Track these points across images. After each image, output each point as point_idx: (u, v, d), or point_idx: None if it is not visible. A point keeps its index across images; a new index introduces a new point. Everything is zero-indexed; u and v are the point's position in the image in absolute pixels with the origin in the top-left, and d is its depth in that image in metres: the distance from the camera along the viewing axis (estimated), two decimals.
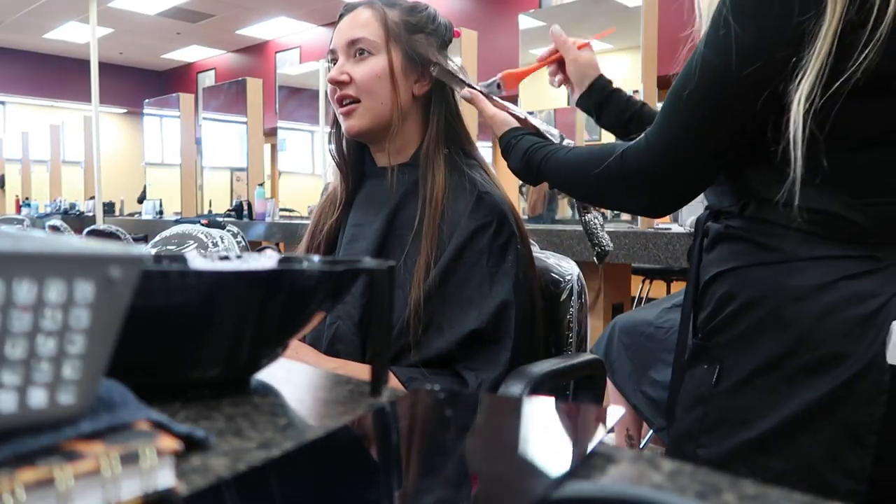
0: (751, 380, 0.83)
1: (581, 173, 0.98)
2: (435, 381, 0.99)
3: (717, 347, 0.87)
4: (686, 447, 0.89)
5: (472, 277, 1.01)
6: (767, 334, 0.82)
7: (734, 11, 0.79)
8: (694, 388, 0.89)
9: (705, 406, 0.87)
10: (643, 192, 0.91)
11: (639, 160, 0.88)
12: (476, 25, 4.97)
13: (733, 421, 0.84)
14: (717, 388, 0.86)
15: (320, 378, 0.62)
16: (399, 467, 0.42)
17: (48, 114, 10.50)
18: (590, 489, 0.36)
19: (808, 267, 0.81)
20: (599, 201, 1.13)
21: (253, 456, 0.41)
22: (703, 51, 0.82)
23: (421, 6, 1.14)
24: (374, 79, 1.08)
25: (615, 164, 0.91)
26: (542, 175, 1.05)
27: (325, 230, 1.18)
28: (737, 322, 0.85)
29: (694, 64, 0.83)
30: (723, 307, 0.87)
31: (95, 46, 5.62)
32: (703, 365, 0.88)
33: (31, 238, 0.36)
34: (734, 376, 0.85)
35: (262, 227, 4.59)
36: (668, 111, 0.86)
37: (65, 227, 4.63)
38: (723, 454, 0.85)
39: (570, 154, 1.01)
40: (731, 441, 0.84)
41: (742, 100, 0.81)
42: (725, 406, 0.85)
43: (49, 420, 0.33)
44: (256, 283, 0.50)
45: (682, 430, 0.90)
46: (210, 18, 8.96)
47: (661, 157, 0.86)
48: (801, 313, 0.80)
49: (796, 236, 0.82)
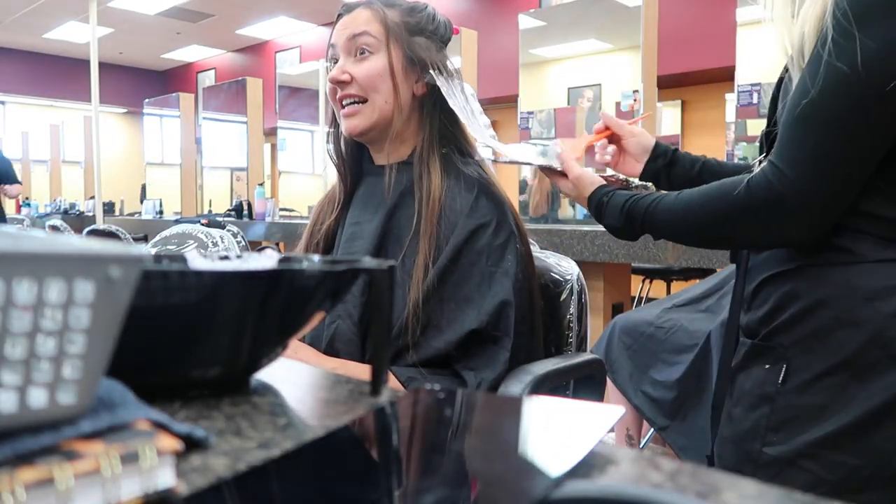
0: (821, 378, 0.84)
1: (699, 216, 0.91)
2: (434, 380, 0.99)
3: (781, 347, 0.87)
4: (749, 446, 0.89)
5: (472, 277, 1.01)
6: (838, 333, 0.83)
7: (859, 16, 0.77)
8: (756, 387, 0.89)
9: (772, 404, 0.87)
10: (779, 222, 0.85)
11: (769, 188, 0.83)
12: (476, 25, 4.98)
13: (803, 418, 0.85)
14: (784, 386, 0.86)
15: (320, 378, 0.62)
16: (399, 467, 0.42)
17: (48, 114, 10.50)
18: (590, 489, 0.36)
19: (878, 269, 0.82)
20: (726, 243, 1.02)
21: (253, 456, 0.41)
22: (839, 65, 0.78)
23: (420, 6, 1.14)
24: (376, 77, 1.08)
25: (742, 197, 0.85)
26: (647, 226, 0.98)
27: (324, 229, 1.18)
28: (804, 321, 0.86)
29: (825, 79, 0.79)
30: (785, 307, 0.87)
31: (95, 46, 5.62)
32: (765, 365, 0.89)
33: (31, 238, 0.36)
34: (803, 375, 0.85)
35: (261, 226, 4.59)
36: (796, 131, 0.83)
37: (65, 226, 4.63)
38: (792, 452, 0.85)
39: (680, 198, 0.94)
40: (801, 438, 0.85)
41: (886, 111, 0.79)
42: (794, 404, 0.86)
43: (49, 420, 0.33)
44: (256, 282, 0.50)
45: (744, 430, 0.90)
46: (210, 18, 8.96)
47: (796, 180, 0.82)
48: (873, 313, 0.81)
49: (868, 239, 0.83)
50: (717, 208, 0.89)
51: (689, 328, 1.84)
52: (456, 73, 1.13)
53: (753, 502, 0.35)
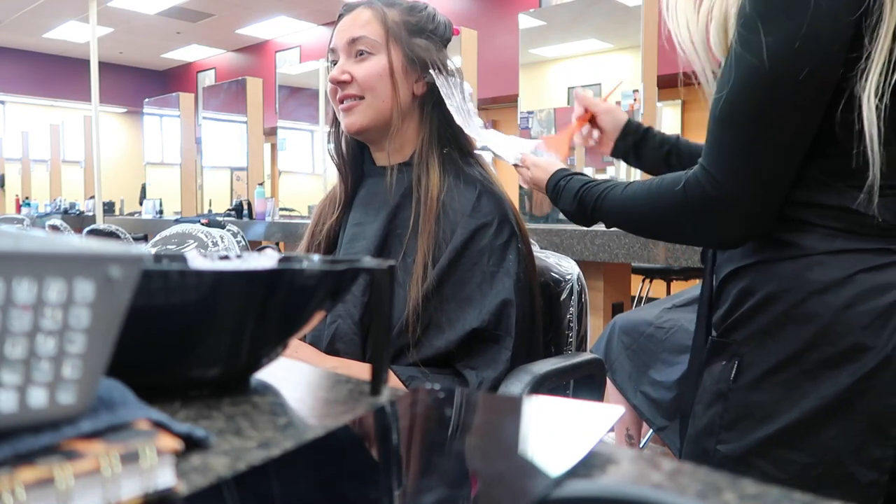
0: (771, 374, 0.83)
1: (643, 209, 0.93)
2: (435, 380, 0.99)
3: (735, 343, 0.87)
4: (706, 443, 0.89)
5: (473, 276, 1.02)
6: (788, 328, 0.82)
7: (763, 14, 0.78)
8: (712, 384, 0.89)
9: (724, 402, 0.87)
10: (714, 223, 0.86)
11: (701, 191, 0.84)
12: (476, 25, 4.97)
13: (754, 416, 0.85)
14: (736, 383, 0.86)
15: (320, 377, 0.62)
16: (399, 467, 0.42)
17: (48, 113, 10.49)
18: (590, 488, 0.36)
19: (827, 261, 0.81)
20: (666, 236, 1.07)
21: (253, 455, 0.41)
22: (749, 59, 0.79)
23: (420, 6, 1.14)
24: (376, 77, 1.08)
25: (678, 195, 0.87)
26: (597, 214, 1.00)
27: (325, 230, 1.18)
28: (756, 317, 0.85)
29: (735, 77, 0.80)
30: (741, 302, 0.87)
31: (95, 46, 5.62)
32: (722, 361, 0.89)
33: (31, 237, 0.36)
34: (754, 371, 0.85)
35: (261, 226, 4.59)
36: (718, 132, 0.83)
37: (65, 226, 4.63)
38: (743, 449, 0.85)
39: (627, 190, 0.96)
40: (752, 436, 0.84)
41: (804, 100, 0.79)
42: (745, 401, 0.85)
43: (49, 419, 0.33)
44: (256, 282, 0.50)
45: (701, 427, 0.90)
46: (210, 18, 8.96)
47: (725, 183, 0.82)
48: (822, 307, 0.80)
49: (814, 231, 0.82)
50: (658, 205, 0.91)
51: (689, 328, 1.83)
52: (457, 72, 1.13)
53: (753, 502, 0.35)
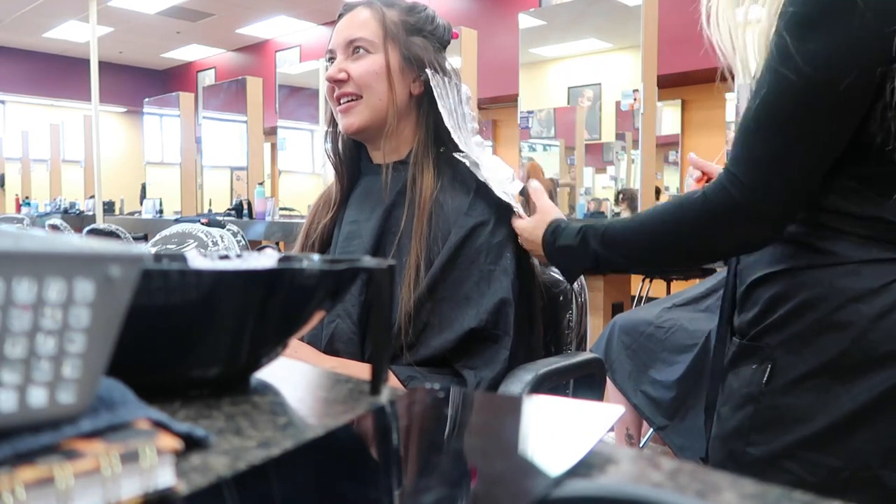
0: (805, 379, 0.84)
1: (657, 227, 0.91)
2: (434, 379, 0.99)
3: (768, 347, 0.88)
4: (734, 445, 0.90)
5: (470, 275, 1.02)
6: (823, 335, 0.83)
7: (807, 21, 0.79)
8: (742, 387, 0.90)
9: (756, 405, 0.88)
10: (736, 228, 0.86)
11: (725, 195, 0.84)
12: (476, 24, 4.97)
13: (785, 419, 0.86)
14: (768, 386, 0.87)
15: (320, 377, 0.62)
16: (399, 466, 0.42)
17: (48, 113, 10.49)
18: (589, 488, 0.36)
19: (863, 269, 0.82)
20: (684, 254, 0.96)
21: (253, 455, 0.41)
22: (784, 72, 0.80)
23: (419, 7, 1.14)
24: (372, 75, 1.08)
25: (697, 203, 0.86)
26: (605, 242, 0.95)
27: (320, 228, 1.18)
28: (791, 323, 0.86)
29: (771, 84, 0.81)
30: (774, 308, 0.88)
31: (95, 45, 5.62)
32: (752, 365, 0.89)
33: (32, 237, 0.36)
34: (787, 376, 0.86)
35: (261, 226, 4.59)
36: (747, 137, 0.84)
37: (65, 226, 4.62)
38: (774, 452, 0.86)
39: (636, 216, 0.94)
40: (783, 439, 0.85)
41: (841, 108, 0.80)
42: (777, 404, 0.86)
43: (49, 419, 0.33)
44: (256, 282, 0.50)
45: (730, 429, 0.91)
46: (210, 17, 8.96)
47: (751, 185, 0.82)
48: (858, 315, 0.81)
49: (850, 240, 0.83)
50: (675, 218, 0.90)
51: (689, 328, 1.84)
52: (454, 73, 1.13)
53: (753, 502, 0.35)
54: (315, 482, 0.39)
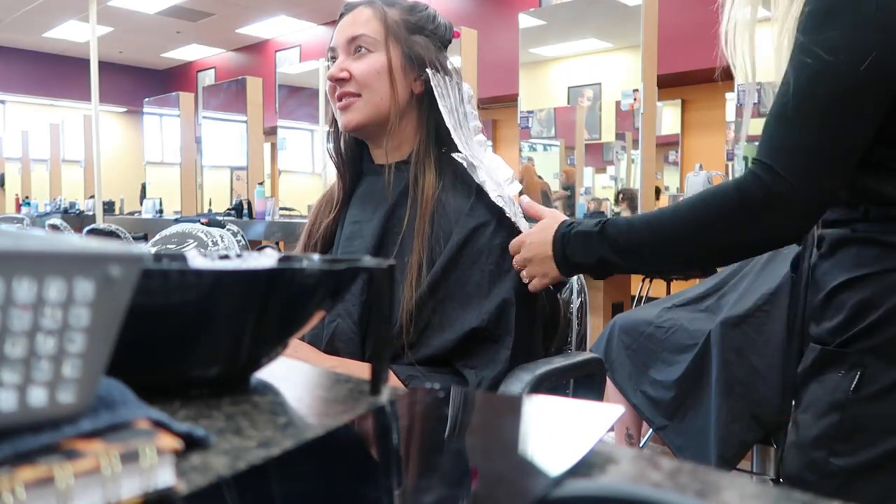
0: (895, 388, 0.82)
1: (687, 220, 0.88)
2: (434, 379, 0.99)
3: (857, 354, 0.85)
4: (815, 454, 0.87)
5: (472, 275, 1.02)
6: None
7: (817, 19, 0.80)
8: (827, 394, 0.87)
9: (841, 413, 0.85)
10: (774, 219, 0.84)
11: (762, 186, 0.82)
12: (476, 24, 4.97)
13: (873, 429, 0.83)
14: (856, 394, 0.84)
15: (320, 377, 0.62)
16: (399, 466, 0.42)
17: (48, 112, 10.49)
18: (590, 488, 0.36)
19: None
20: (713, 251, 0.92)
21: (253, 455, 0.41)
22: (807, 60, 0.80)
23: (421, 6, 1.14)
24: (373, 74, 1.08)
25: (733, 198, 0.84)
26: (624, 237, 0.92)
27: (322, 228, 1.18)
28: (881, 330, 0.83)
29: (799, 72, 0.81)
30: (863, 314, 0.85)
31: (95, 45, 5.61)
32: (839, 372, 0.86)
33: (31, 237, 0.36)
34: (877, 383, 0.83)
35: (261, 225, 4.59)
36: (781, 128, 0.83)
37: (65, 225, 4.62)
38: (861, 463, 0.83)
39: (662, 209, 0.92)
40: (872, 449, 0.83)
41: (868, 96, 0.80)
42: (865, 413, 0.84)
43: (49, 419, 0.33)
44: (256, 282, 0.50)
45: (811, 437, 0.88)
46: (210, 17, 8.95)
47: (789, 176, 0.81)
48: None
49: None
50: (707, 211, 0.87)
51: (689, 328, 1.84)
52: (455, 72, 1.13)
53: (753, 501, 0.35)
54: (315, 482, 0.39)
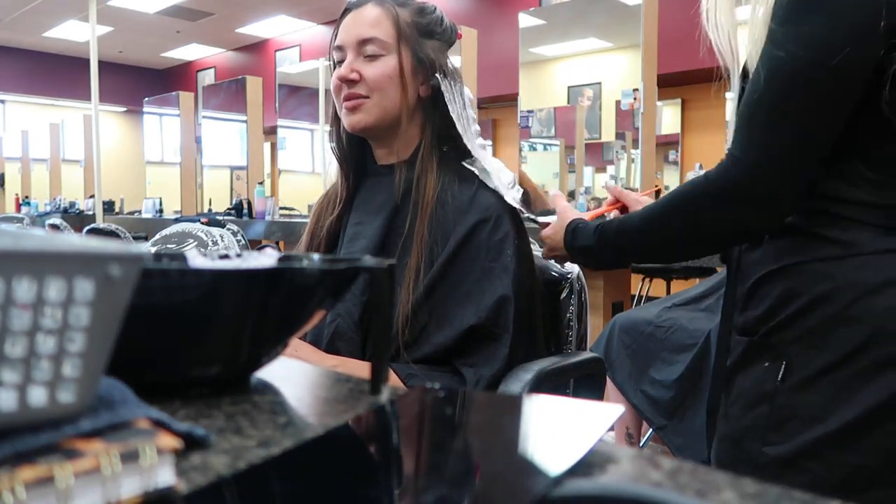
0: (821, 376, 0.83)
1: (665, 209, 0.92)
2: (433, 377, 0.99)
3: (781, 344, 0.86)
4: (749, 445, 0.88)
5: (471, 272, 1.02)
6: (839, 330, 0.82)
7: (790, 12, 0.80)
8: (754, 385, 0.88)
9: (770, 403, 0.86)
10: (739, 207, 0.85)
11: (725, 174, 0.84)
12: (476, 24, 4.97)
13: (802, 417, 0.84)
14: (783, 384, 0.85)
15: (320, 376, 0.62)
16: (399, 465, 0.42)
17: (48, 112, 10.48)
18: (589, 487, 0.36)
19: (877, 260, 0.81)
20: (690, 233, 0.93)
21: (253, 454, 0.41)
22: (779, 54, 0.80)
23: (429, 8, 1.14)
24: (386, 79, 1.07)
25: (699, 182, 0.87)
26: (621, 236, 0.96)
27: (326, 229, 1.18)
28: (804, 318, 0.85)
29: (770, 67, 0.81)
30: (785, 304, 0.86)
31: (95, 45, 5.61)
32: (764, 363, 0.87)
33: (31, 236, 0.36)
34: (803, 372, 0.84)
35: (261, 225, 4.59)
36: (745, 119, 0.84)
37: (65, 225, 4.62)
38: (792, 451, 0.84)
39: (648, 206, 0.97)
40: (801, 438, 0.83)
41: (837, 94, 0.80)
42: (793, 402, 0.85)
43: (49, 418, 0.33)
44: (256, 281, 0.50)
45: (743, 429, 0.89)
46: (210, 17, 8.95)
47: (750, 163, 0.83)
48: (874, 308, 0.80)
49: (862, 230, 0.82)
50: (681, 202, 0.90)
51: (689, 327, 1.84)
52: (458, 75, 1.13)
53: (753, 501, 0.35)
54: (315, 482, 0.39)
